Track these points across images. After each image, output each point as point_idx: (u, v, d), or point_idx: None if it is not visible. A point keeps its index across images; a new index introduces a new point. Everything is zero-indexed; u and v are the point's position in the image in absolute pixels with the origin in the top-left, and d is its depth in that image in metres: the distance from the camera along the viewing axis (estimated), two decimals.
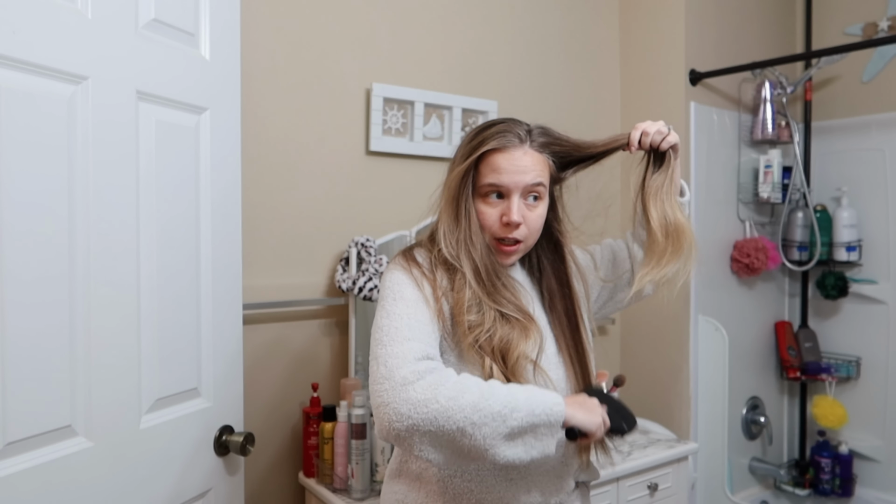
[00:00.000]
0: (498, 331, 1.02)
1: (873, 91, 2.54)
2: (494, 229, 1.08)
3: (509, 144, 1.06)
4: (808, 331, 2.68)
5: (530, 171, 1.06)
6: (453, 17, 2.06)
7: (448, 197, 1.09)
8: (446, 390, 0.90)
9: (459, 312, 1.03)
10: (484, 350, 1.01)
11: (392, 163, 1.94)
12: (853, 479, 2.53)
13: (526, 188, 1.06)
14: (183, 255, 1.25)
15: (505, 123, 1.09)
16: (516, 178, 1.05)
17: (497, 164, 1.06)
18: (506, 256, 1.10)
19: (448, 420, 0.88)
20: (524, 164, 1.06)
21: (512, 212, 1.05)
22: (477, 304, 1.03)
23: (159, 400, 1.20)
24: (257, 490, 1.72)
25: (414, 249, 1.13)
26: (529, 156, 1.07)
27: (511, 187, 1.05)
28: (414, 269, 1.06)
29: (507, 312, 1.04)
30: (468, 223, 1.07)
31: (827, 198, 2.63)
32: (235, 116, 1.37)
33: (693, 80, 2.32)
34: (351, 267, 1.77)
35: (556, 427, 0.95)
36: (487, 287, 1.05)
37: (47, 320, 1.00)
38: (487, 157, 1.07)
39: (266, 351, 1.74)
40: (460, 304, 1.03)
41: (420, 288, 1.04)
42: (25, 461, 0.98)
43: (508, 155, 1.06)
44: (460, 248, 1.06)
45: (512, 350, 1.02)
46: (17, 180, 0.96)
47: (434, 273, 1.07)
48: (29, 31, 0.97)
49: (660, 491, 1.87)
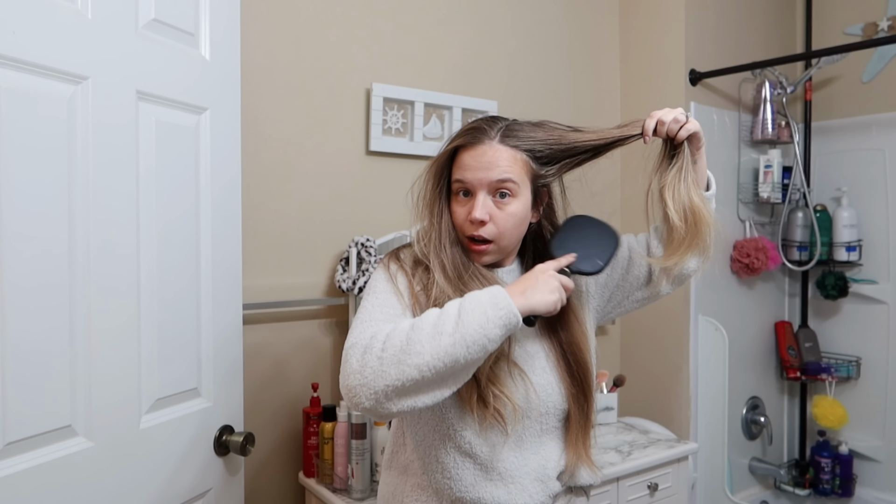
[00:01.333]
0: None
1: (873, 91, 2.54)
2: (464, 228, 1.06)
3: (475, 141, 1.04)
4: (808, 331, 2.68)
5: (496, 167, 1.02)
6: (453, 17, 2.06)
7: (423, 197, 1.10)
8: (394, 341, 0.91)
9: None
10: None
11: (392, 163, 1.94)
12: (853, 479, 2.53)
13: (492, 185, 1.03)
14: (183, 255, 1.25)
15: (479, 120, 1.08)
16: (480, 174, 1.03)
17: (463, 161, 1.05)
18: (478, 256, 1.08)
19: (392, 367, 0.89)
20: (488, 160, 1.02)
21: (476, 209, 1.03)
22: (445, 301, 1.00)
23: (159, 400, 1.20)
24: (257, 490, 1.72)
25: (402, 249, 1.13)
26: (496, 151, 1.03)
27: (475, 184, 1.03)
28: (392, 265, 1.08)
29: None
30: (440, 222, 1.07)
31: (827, 198, 2.63)
32: (235, 116, 1.37)
33: (693, 80, 2.32)
34: (351, 267, 1.77)
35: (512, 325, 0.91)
36: (456, 284, 1.03)
37: (47, 320, 1.00)
38: (458, 156, 1.06)
39: (266, 351, 1.74)
40: (430, 300, 1.03)
41: (394, 282, 1.05)
42: (25, 461, 0.98)
43: (473, 151, 1.04)
44: (430, 246, 1.06)
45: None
46: (16, 180, 0.96)
47: (414, 270, 1.07)
48: (29, 31, 0.97)
49: (660, 491, 1.87)
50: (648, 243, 1.21)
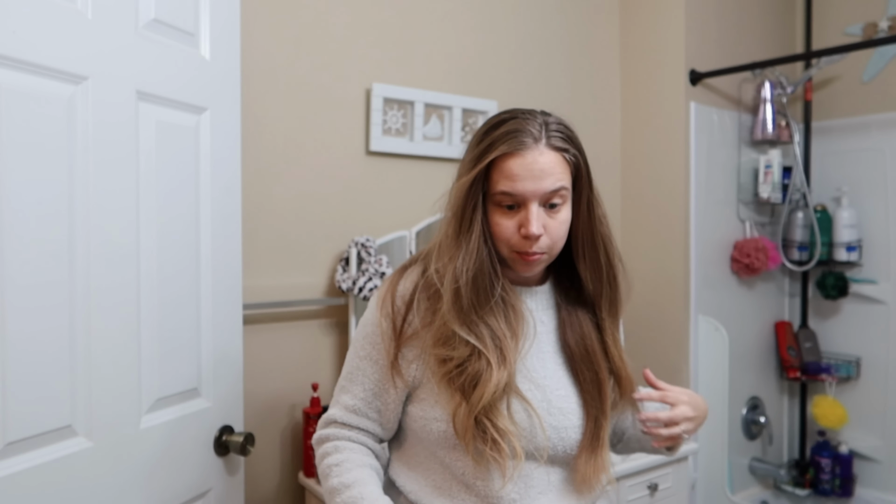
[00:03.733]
0: (468, 366, 0.93)
1: (873, 91, 2.54)
2: (513, 242, 0.95)
3: (521, 147, 0.92)
4: (808, 331, 2.68)
5: (548, 176, 0.93)
6: (453, 17, 2.06)
7: (454, 208, 0.97)
8: (320, 467, 1.02)
9: (434, 343, 0.96)
10: (454, 385, 0.94)
11: (392, 163, 1.94)
12: (853, 479, 2.53)
13: (545, 195, 0.93)
14: (183, 255, 1.25)
15: (516, 120, 0.95)
16: (532, 185, 0.92)
17: (510, 169, 0.92)
18: (528, 266, 0.97)
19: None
20: (540, 168, 0.92)
21: (531, 223, 0.92)
22: (450, 335, 0.94)
23: (159, 400, 1.20)
24: (257, 490, 1.72)
25: (408, 270, 1.04)
26: (547, 157, 0.93)
27: (528, 196, 0.92)
28: (385, 318, 0.99)
29: (481, 349, 0.93)
30: (469, 236, 0.95)
31: (827, 198, 2.63)
32: (235, 116, 1.37)
33: (693, 80, 2.32)
34: (351, 267, 1.77)
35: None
36: (467, 314, 0.94)
37: (47, 320, 1.00)
38: (499, 162, 0.94)
39: (266, 351, 1.74)
40: (432, 335, 0.96)
41: (382, 343, 1.00)
42: (25, 461, 0.98)
43: (521, 159, 0.92)
44: (450, 264, 0.95)
45: (478, 388, 0.92)
46: (16, 181, 0.96)
47: (410, 305, 0.99)
48: (29, 31, 0.97)
49: (660, 491, 1.87)
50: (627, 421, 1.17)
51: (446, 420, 0.96)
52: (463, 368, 0.94)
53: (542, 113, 0.98)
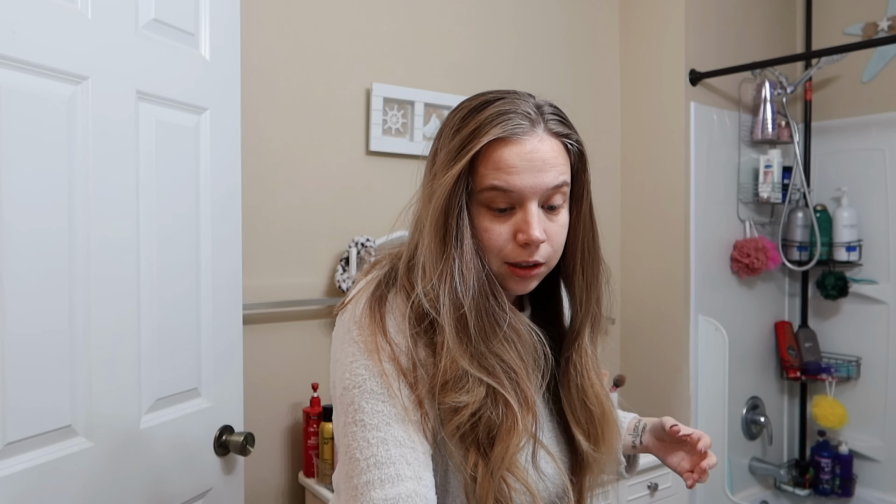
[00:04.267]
0: (483, 413, 0.73)
1: (873, 91, 2.54)
2: (506, 252, 0.76)
3: (518, 130, 0.73)
4: (808, 331, 2.68)
5: (551, 167, 0.74)
6: (453, 17, 2.06)
7: (435, 214, 0.75)
8: None
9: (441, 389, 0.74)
10: (466, 441, 0.74)
11: (392, 163, 1.94)
12: (853, 479, 2.53)
13: (546, 192, 0.75)
14: (183, 255, 1.25)
15: (504, 100, 0.76)
16: (531, 179, 0.73)
17: (505, 160, 0.73)
18: (524, 283, 0.78)
19: None
20: (543, 158, 0.74)
21: (532, 227, 0.73)
22: (460, 376, 0.73)
23: (159, 400, 1.20)
24: (257, 490, 1.72)
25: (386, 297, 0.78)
26: (548, 145, 0.75)
27: (526, 193, 0.74)
28: (382, 354, 0.74)
29: (498, 388, 0.74)
30: (460, 248, 0.75)
31: (827, 198, 2.63)
32: (235, 116, 1.37)
33: (693, 80, 2.32)
34: (351, 267, 1.77)
35: None
36: (476, 345, 0.74)
37: (47, 321, 1.00)
38: (488, 151, 0.74)
39: (266, 351, 1.74)
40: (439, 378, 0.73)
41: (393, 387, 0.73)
42: (25, 461, 0.98)
43: (519, 147, 0.73)
44: (443, 287, 0.74)
45: (499, 444, 0.73)
46: (17, 181, 0.96)
47: (410, 340, 0.75)
48: (29, 31, 0.97)
49: (660, 491, 1.87)
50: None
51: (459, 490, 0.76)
52: (478, 417, 0.73)
53: (528, 94, 0.80)
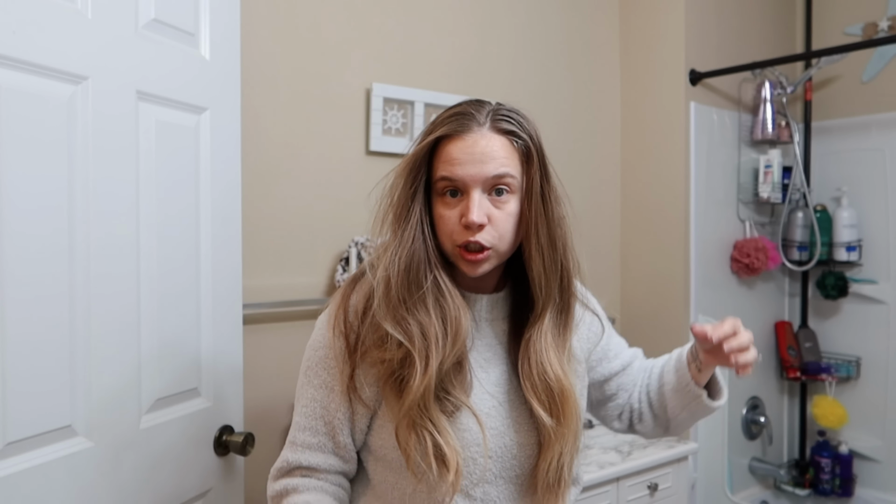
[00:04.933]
0: (403, 369, 0.86)
1: (873, 91, 2.54)
2: (455, 235, 0.87)
3: (462, 129, 0.87)
4: (808, 331, 2.68)
5: (492, 160, 0.86)
6: (453, 16, 2.06)
7: (391, 198, 0.90)
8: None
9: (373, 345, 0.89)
10: (393, 391, 0.87)
11: (392, 163, 1.91)
12: (853, 479, 2.53)
13: (487, 181, 0.86)
14: (183, 255, 1.25)
15: (462, 105, 0.91)
16: (472, 169, 0.85)
17: (449, 153, 0.87)
18: (472, 266, 0.88)
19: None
20: (482, 151, 0.86)
21: (471, 210, 0.85)
22: (385, 335, 0.87)
23: (159, 400, 1.20)
24: (257, 490, 1.72)
25: (358, 283, 0.95)
26: (489, 139, 0.87)
27: (467, 181, 0.86)
28: (338, 335, 0.91)
29: (409, 348, 0.85)
30: (406, 228, 0.88)
31: (827, 198, 2.63)
32: (235, 116, 1.37)
33: (693, 80, 2.32)
34: (351, 267, 1.77)
35: None
36: (396, 308, 0.86)
37: (47, 320, 1.00)
38: (440, 148, 0.88)
39: (266, 351, 1.73)
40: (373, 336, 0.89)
41: (336, 363, 0.91)
42: (25, 461, 0.98)
43: (461, 141, 0.86)
44: (382, 257, 0.88)
45: (405, 394, 0.85)
46: (17, 181, 0.96)
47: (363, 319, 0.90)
48: (29, 31, 0.97)
49: (660, 491, 1.87)
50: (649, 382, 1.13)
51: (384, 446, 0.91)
52: (398, 372, 0.87)
53: (498, 103, 0.93)
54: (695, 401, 1.03)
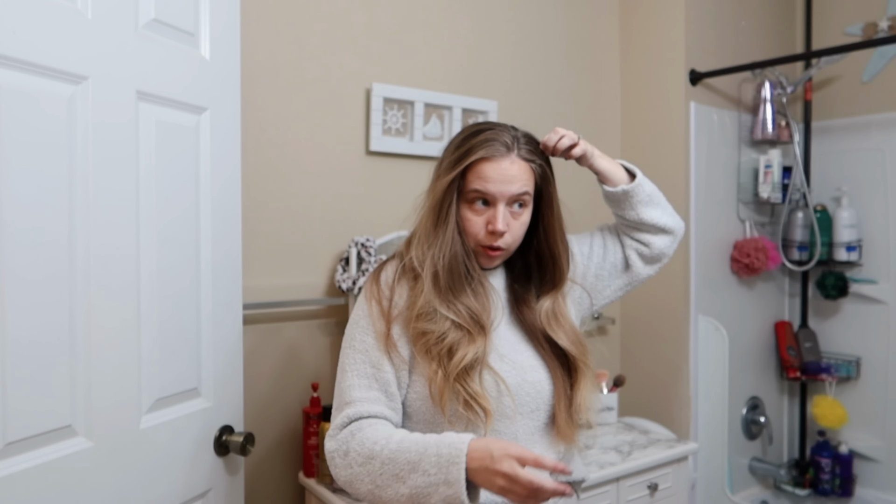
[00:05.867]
0: (448, 336, 1.06)
1: (873, 91, 2.54)
2: (480, 237, 1.11)
3: (496, 154, 1.09)
4: (808, 331, 2.68)
5: (517, 181, 1.09)
6: (453, 17, 2.06)
7: (432, 203, 1.12)
8: (356, 457, 1.00)
9: (416, 318, 1.07)
10: (431, 355, 1.06)
11: (392, 163, 1.94)
12: (853, 479, 2.53)
13: (511, 197, 1.09)
14: (183, 255, 1.25)
15: (493, 131, 1.11)
16: (503, 187, 1.08)
17: (484, 172, 1.08)
18: (489, 260, 1.14)
19: (359, 485, 1.00)
20: (511, 174, 1.08)
21: (497, 221, 1.08)
22: (431, 312, 1.07)
23: (159, 400, 1.20)
24: (257, 490, 1.72)
25: (387, 263, 1.17)
26: (518, 166, 1.10)
27: (497, 196, 1.08)
28: (373, 302, 1.12)
29: (458, 321, 1.07)
30: (445, 227, 1.09)
31: (827, 198, 2.63)
32: (235, 116, 1.37)
33: (693, 80, 2.32)
34: (351, 267, 1.77)
35: (455, 485, 0.92)
36: (445, 294, 1.08)
37: (47, 320, 1.00)
38: (475, 165, 1.09)
39: (266, 351, 1.74)
40: (415, 311, 1.08)
41: (373, 326, 1.10)
42: (25, 461, 0.98)
43: (496, 164, 1.08)
44: (429, 252, 1.09)
45: (456, 355, 1.05)
46: (16, 180, 0.96)
47: (394, 289, 1.12)
48: (29, 31, 0.97)
49: (660, 491, 1.87)
50: (618, 230, 1.31)
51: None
52: (442, 339, 1.05)
53: (511, 127, 1.14)
54: (608, 198, 1.25)
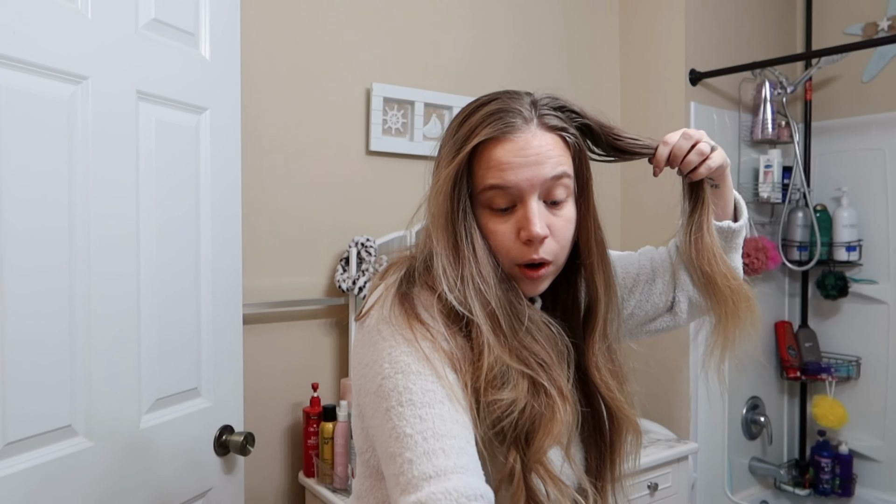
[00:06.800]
0: (528, 408, 0.70)
1: (873, 91, 2.54)
2: (514, 253, 0.75)
3: (509, 129, 0.73)
4: (808, 331, 2.68)
5: (547, 160, 0.73)
6: (453, 16, 2.06)
7: (438, 216, 0.75)
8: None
9: (487, 389, 0.69)
10: (506, 437, 0.70)
11: (392, 163, 1.94)
12: (853, 479, 2.53)
13: (546, 183, 0.74)
14: (183, 255, 1.25)
15: (499, 100, 0.76)
16: (528, 172, 0.72)
17: (496, 158, 0.73)
18: (533, 285, 0.77)
19: None
20: (535, 151, 0.73)
21: (532, 222, 0.72)
22: (504, 373, 0.70)
23: (159, 400, 1.20)
24: (257, 490, 1.72)
25: (411, 293, 0.76)
26: (540, 139, 0.74)
27: (524, 186, 0.73)
28: (424, 342, 0.70)
29: (538, 379, 0.71)
30: (472, 250, 0.74)
31: (827, 198, 2.63)
32: (235, 116, 1.37)
33: (693, 80, 2.31)
34: (351, 267, 1.77)
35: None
36: (510, 341, 0.72)
37: (47, 320, 1.00)
38: (481, 152, 0.74)
39: (266, 351, 1.73)
40: (482, 373, 0.69)
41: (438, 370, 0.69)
42: (25, 461, 0.98)
43: (510, 144, 0.73)
44: (468, 288, 0.72)
45: (538, 436, 0.70)
46: (17, 181, 0.96)
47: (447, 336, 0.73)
48: (29, 31, 0.97)
49: (660, 491, 1.87)
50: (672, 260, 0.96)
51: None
52: (523, 412, 0.70)
53: (525, 92, 0.81)
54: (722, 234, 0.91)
